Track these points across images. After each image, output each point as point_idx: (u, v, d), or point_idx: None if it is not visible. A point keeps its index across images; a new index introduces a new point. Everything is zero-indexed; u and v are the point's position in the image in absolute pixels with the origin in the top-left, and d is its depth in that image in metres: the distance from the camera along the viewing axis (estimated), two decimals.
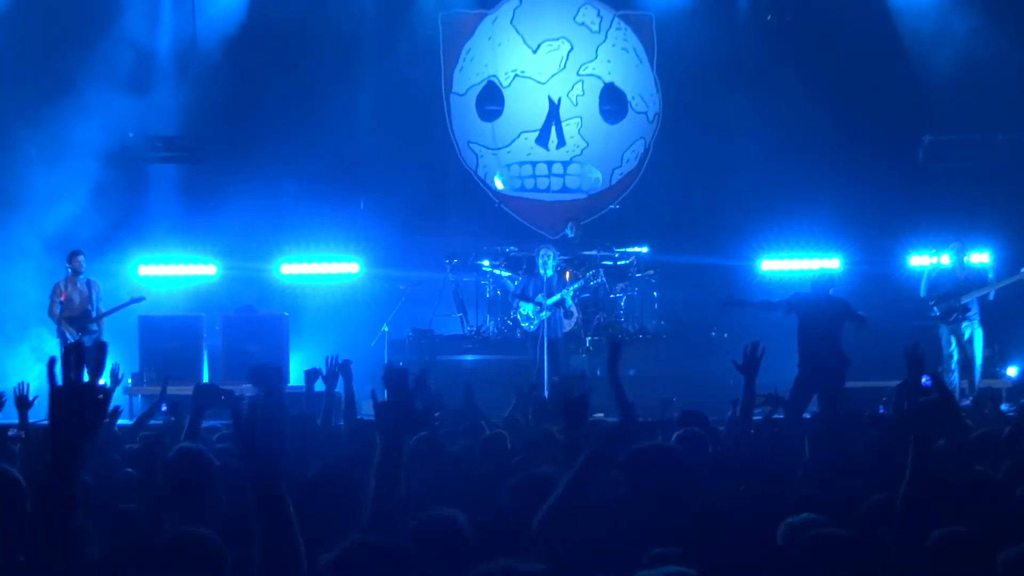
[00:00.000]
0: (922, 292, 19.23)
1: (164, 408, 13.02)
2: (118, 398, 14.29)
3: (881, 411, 13.91)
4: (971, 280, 18.97)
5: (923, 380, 8.58)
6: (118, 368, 12.60)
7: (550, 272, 20.08)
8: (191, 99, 22.54)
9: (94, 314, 19.27)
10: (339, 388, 10.43)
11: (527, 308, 20.22)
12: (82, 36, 22.16)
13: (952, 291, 18.86)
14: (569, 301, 20.22)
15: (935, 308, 18.93)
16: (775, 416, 12.34)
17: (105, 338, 19.17)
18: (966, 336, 18.84)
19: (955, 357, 18.85)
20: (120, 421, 13.73)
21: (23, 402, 9.70)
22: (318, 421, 9.85)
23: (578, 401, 6.98)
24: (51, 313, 19.34)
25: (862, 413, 11.21)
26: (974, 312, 18.87)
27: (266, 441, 4.10)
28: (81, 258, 19.50)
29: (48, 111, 21.95)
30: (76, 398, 4.11)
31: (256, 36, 23.21)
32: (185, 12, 23.25)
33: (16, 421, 9.97)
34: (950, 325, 18.86)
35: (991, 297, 18.89)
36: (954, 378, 18.52)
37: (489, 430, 9.81)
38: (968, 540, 5.29)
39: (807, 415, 14.63)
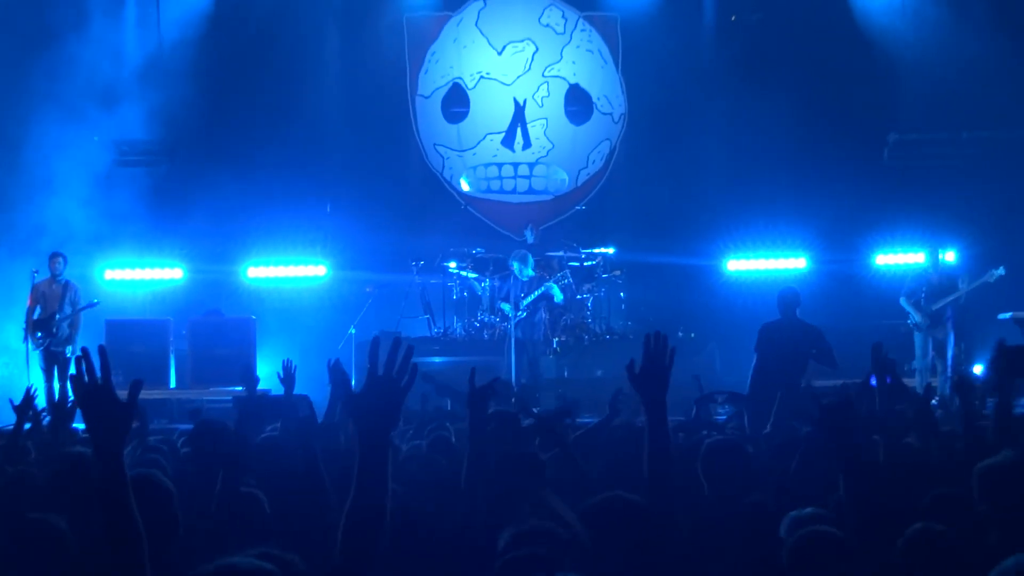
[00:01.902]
0: (903, 302, 19.29)
1: None
2: None
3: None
4: (944, 285, 19.08)
5: (871, 380, 8.46)
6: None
7: (530, 272, 20.10)
8: (156, 103, 22.43)
9: (57, 317, 19.16)
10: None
11: (507, 308, 20.19)
12: (45, 40, 22.06)
13: (929, 298, 18.97)
14: (556, 293, 20.29)
15: (919, 317, 18.99)
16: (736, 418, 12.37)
17: (79, 341, 19.18)
18: (940, 340, 18.97)
19: (930, 359, 18.96)
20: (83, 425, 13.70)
21: (25, 406, 9.57)
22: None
23: (480, 391, 6.93)
24: (28, 314, 19.25)
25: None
26: (948, 315, 19.00)
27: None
28: (58, 260, 19.41)
29: (11, 116, 21.88)
30: (104, 399, 4.49)
31: (221, 39, 23.20)
32: (150, 17, 23.21)
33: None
34: (930, 332, 18.97)
35: (962, 300, 19.00)
36: (926, 377, 18.58)
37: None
38: (940, 536, 5.32)
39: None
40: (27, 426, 9.52)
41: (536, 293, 20.11)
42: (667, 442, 5.40)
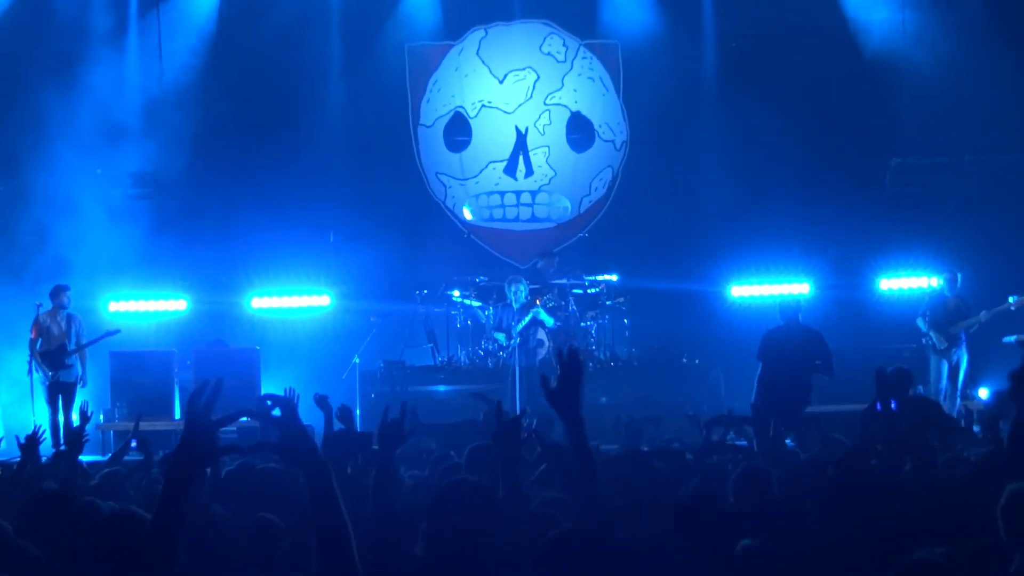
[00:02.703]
0: (920, 323, 19.37)
1: (134, 445, 12.94)
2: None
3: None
4: (961, 309, 19.15)
5: (877, 406, 8.42)
6: (87, 406, 12.54)
7: (523, 301, 20.13)
8: (160, 135, 22.47)
9: (70, 348, 19.19)
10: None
11: (501, 338, 20.25)
12: (49, 74, 22.14)
13: (944, 321, 19.04)
14: (543, 316, 20.24)
15: (934, 339, 19.05)
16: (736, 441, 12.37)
17: (81, 373, 19.22)
18: (953, 363, 19.04)
19: (943, 385, 19.02)
20: (91, 458, 13.70)
21: (32, 444, 9.56)
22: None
23: (392, 424, 6.83)
24: (31, 346, 19.26)
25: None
26: (962, 339, 19.08)
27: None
28: (67, 294, 19.45)
29: (16, 148, 21.95)
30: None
31: (224, 70, 23.28)
32: (152, 48, 23.25)
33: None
34: (944, 355, 19.02)
35: (979, 326, 19.12)
36: (942, 401, 18.62)
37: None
38: (937, 566, 5.28)
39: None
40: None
41: (525, 320, 20.15)
42: (591, 459, 5.39)
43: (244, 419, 5.44)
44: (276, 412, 4.58)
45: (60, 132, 21.65)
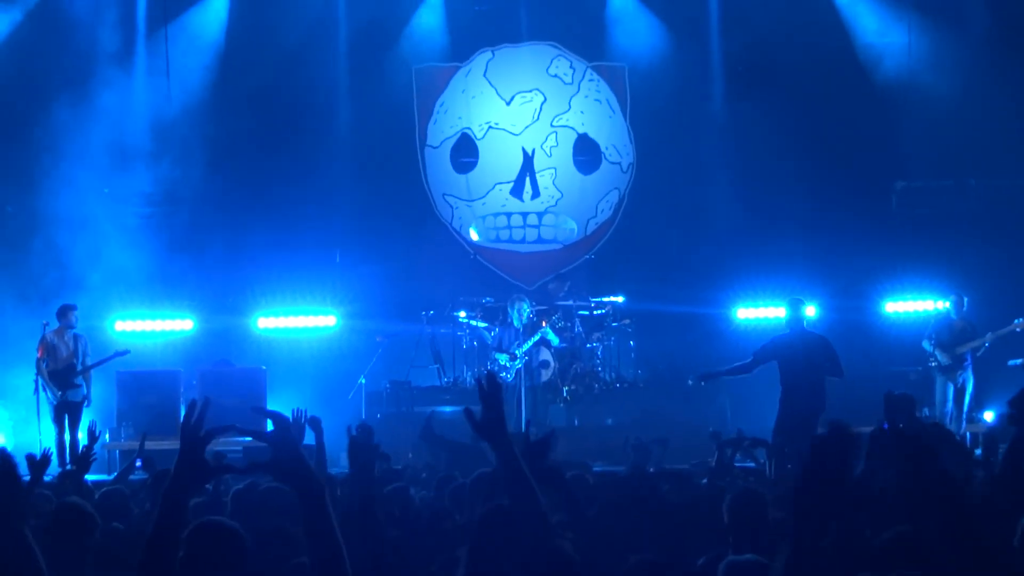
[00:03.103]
0: (926, 345, 19.42)
1: (139, 464, 12.95)
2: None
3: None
4: (967, 332, 19.19)
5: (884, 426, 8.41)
6: (95, 425, 12.55)
7: (524, 320, 20.15)
8: (167, 155, 22.53)
9: (79, 368, 19.21)
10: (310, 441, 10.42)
11: (502, 359, 20.28)
12: (57, 95, 22.22)
13: (950, 344, 19.08)
14: (551, 336, 20.23)
15: (940, 359, 19.09)
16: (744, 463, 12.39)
17: (87, 393, 19.23)
18: (959, 385, 19.07)
19: (949, 408, 19.05)
20: (97, 477, 13.72)
21: (42, 465, 9.53)
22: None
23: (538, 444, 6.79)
24: (38, 366, 19.26)
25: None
26: (968, 362, 19.11)
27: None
28: (74, 313, 19.47)
29: (24, 169, 22.02)
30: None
31: (232, 91, 23.32)
32: (159, 68, 23.30)
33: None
34: (950, 376, 19.05)
35: (985, 348, 19.15)
36: (947, 424, 18.66)
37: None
38: None
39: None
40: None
41: (532, 340, 20.17)
42: (528, 480, 5.28)
43: (248, 439, 5.47)
44: (268, 426, 4.57)
45: (67, 152, 21.76)
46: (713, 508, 7.55)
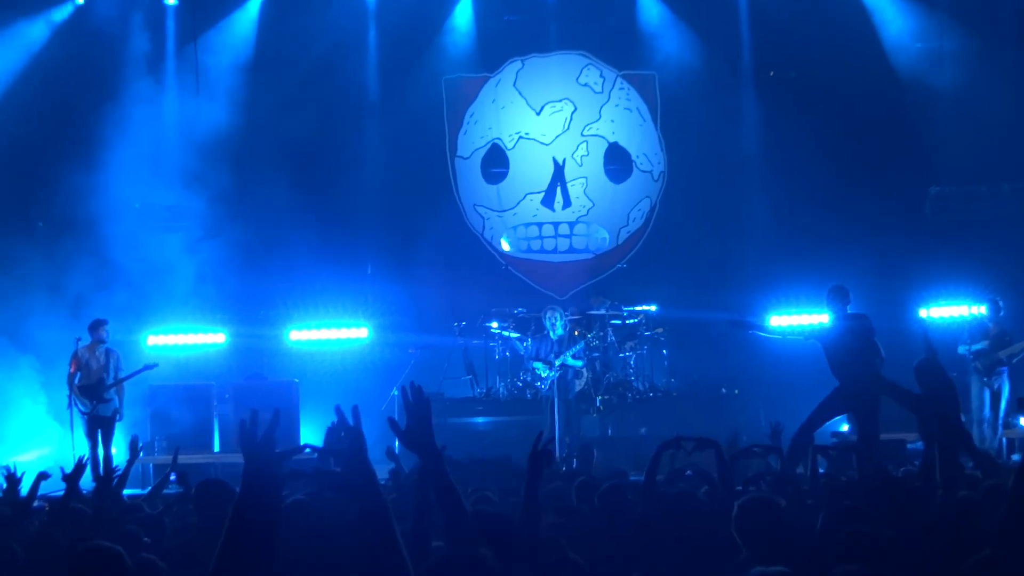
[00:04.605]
0: (963, 349, 19.30)
1: (173, 478, 12.92)
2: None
3: None
4: (1005, 335, 19.07)
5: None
6: (136, 441, 12.54)
7: (560, 332, 20.08)
8: (198, 168, 22.53)
9: (109, 382, 19.21)
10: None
11: (540, 368, 20.21)
12: (87, 106, 22.33)
13: (989, 347, 18.96)
14: (571, 361, 20.10)
15: (976, 363, 18.99)
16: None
17: (119, 407, 19.23)
18: (995, 390, 18.95)
19: (986, 413, 18.92)
20: (130, 491, 13.70)
21: (75, 475, 9.48)
22: None
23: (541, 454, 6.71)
24: (69, 380, 19.28)
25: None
26: (1004, 368, 19.00)
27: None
28: (105, 328, 19.47)
29: (54, 184, 22.06)
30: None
31: (261, 102, 23.35)
32: (189, 79, 23.34)
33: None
34: (987, 379, 18.92)
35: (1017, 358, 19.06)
36: (984, 429, 18.60)
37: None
38: None
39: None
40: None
41: (574, 349, 20.05)
42: (456, 494, 5.28)
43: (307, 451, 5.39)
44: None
45: (99, 166, 21.79)
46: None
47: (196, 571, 6.34)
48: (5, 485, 8.96)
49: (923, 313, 22.16)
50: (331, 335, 23.06)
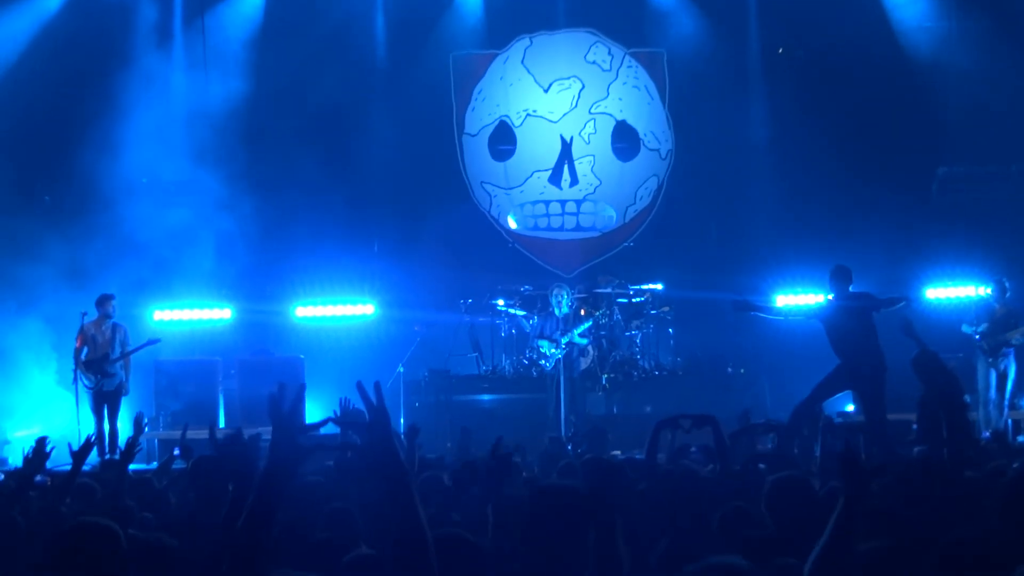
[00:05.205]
0: (967, 328, 19.28)
1: (176, 453, 12.95)
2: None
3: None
4: (1011, 316, 19.04)
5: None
6: (142, 416, 12.57)
7: (565, 310, 20.08)
8: (205, 144, 22.50)
9: (114, 356, 19.22)
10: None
11: (544, 346, 20.22)
12: (95, 80, 22.30)
13: (994, 328, 18.94)
14: (577, 339, 20.11)
15: (982, 343, 18.99)
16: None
17: (124, 381, 19.24)
18: (1001, 371, 18.94)
19: (992, 395, 18.90)
20: (136, 466, 13.72)
21: (83, 452, 9.46)
22: None
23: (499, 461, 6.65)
24: (75, 355, 19.29)
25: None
26: (1010, 348, 18.98)
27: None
28: (112, 303, 19.47)
29: (61, 158, 22.07)
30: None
31: (269, 79, 23.31)
32: (196, 56, 23.33)
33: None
34: (993, 360, 18.90)
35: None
36: (990, 410, 18.62)
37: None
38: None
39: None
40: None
41: (582, 326, 20.05)
42: (411, 498, 4.95)
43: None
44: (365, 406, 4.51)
45: (105, 142, 21.75)
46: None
47: (193, 543, 6.39)
48: (32, 457, 8.96)
49: (930, 294, 22.09)
50: (337, 311, 23.06)
